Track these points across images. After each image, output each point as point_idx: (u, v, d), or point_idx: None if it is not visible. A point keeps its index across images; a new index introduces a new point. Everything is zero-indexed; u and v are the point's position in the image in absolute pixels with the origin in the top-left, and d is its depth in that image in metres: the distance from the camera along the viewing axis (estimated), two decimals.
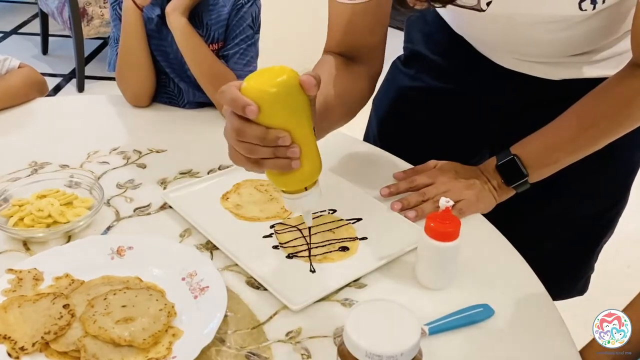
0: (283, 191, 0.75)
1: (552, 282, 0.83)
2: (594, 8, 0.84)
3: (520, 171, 0.94)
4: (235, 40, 1.21)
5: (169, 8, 1.15)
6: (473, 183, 0.96)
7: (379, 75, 1.03)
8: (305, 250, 0.86)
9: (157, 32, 1.21)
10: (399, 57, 1.22)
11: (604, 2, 0.83)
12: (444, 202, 0.76)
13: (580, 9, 0.84)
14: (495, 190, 0.96)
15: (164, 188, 0.99)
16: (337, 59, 0.97)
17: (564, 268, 1.11)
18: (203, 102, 1.25)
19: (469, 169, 0.99)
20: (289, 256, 0.85)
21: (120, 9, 1.22)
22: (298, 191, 0.75)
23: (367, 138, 1.24)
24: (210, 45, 1.20)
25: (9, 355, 0.67)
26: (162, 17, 1.19)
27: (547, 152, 0.95)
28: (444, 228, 0.76)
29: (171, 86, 1.26)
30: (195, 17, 1.19)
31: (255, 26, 1.24)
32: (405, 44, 1.21)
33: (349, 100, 0.96)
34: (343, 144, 1.14)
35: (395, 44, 1.21)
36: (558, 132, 0.94)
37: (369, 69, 1.00)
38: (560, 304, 0.81)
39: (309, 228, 0.85)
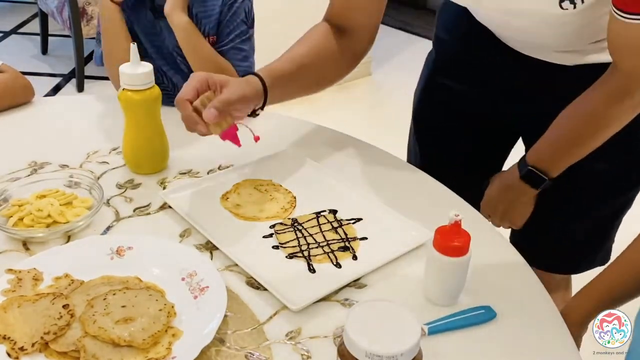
0: None
1: (573, 252, 0.84)
2: (575, 7, 0.85)
3: (542, 178, 1.02)
4: (229, 36, 1.22)
5: (167, 8, 1.15)
6: (518, 203, 1.07)
7: (362, 57, 1.09)
8: (305, 250, 0.86)
9: (151, 28, 1.21)
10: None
11: (582, 2, 0.84)
12: (453, 216, 0.74)
13: (561, 7, 0.85)
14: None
15: (164, 188, 0.99)
16: (329, 32, 1.04)
17: (584, 237, 1.11)
18: None
19: (511, 191, 1.08)
20: (289, 256, 0.85)
21: None
22: None
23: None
24: None
25: (9, 355, 0.67)
26: (154, 12, 1.19)
27: (557, 155, 1.01)
28: (452, 242, 0.75)
29: (165, 82, 1.26)
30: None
31: (249, 21, 1.24)
32: (434, 32, 1.25)
33: (323, 76, 1.06)
34: (344, 144, 1.14)
35: (394, 43, 1.21)
36: (561, 135, 0.99)
37: (356, 47, 1.07)
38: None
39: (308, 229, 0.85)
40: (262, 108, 0.95)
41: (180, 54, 1.23)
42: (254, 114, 0.95)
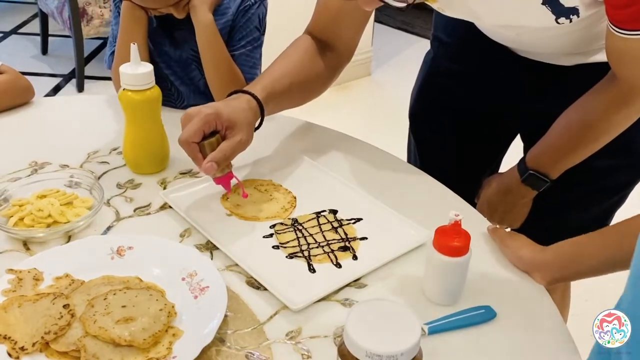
0: None
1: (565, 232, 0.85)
2: (570, 22, 0.86)
3: (544, 181, 1.04)
4: (241, 42, 1.21)
5: (196, 2, 1.14)
6: (518, 205, 1.10)
7: (340, 71, 1.11)
8: (305, 250, 0.86)
9: (158, 38, 1.20)
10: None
11: (578, 16, 0.85)
12: (453, 216, 0.74)
13: (557, 22, 0.87)
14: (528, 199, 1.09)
15: (164, 188, 0.99)
16: (312, 45, 1.06)
17: (581, 233, 1.14)
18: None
19: (511, 194, 1.09)
20: (289, 256, 0.85)
21: None
22: None
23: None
24: None
25: (9, 355, 0.67)
26: (165, 24, 1.19)
27: (557, 159, 1.02)
28: (452, 242, 0.75)
29: (172, 89, 1.26)
30: None
31: (262, 28, 1.23)
32: (432, 32, 1.26)
33: (309, 88, 1.07)
34: (344, 144, 1.14)
35: (394, 43, 1.22)
36: (562, 140, 1.01)
37: (338, 60, 1.09)
38: None
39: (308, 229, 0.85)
40: (257, 127, 0.96)
41: (194, 59, 1.22)
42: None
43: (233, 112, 0.89)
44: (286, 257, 0.85)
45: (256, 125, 0.95)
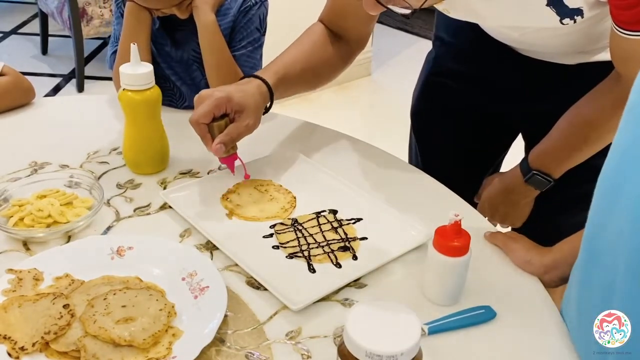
0: None
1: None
2: (575, 22, 0.86)
3: (547, 180, 1.04)
4: (242, 42, 1.20)
5: (198, 1, 1.14)
6: (520, 205, 1.11)
7: (352, 60, 1.14)
8: (305, 250, 0.86)
9: (159, 38, 1.20)
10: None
11: (582, 17, 0.85)
12: (453, 216, 0.74)
13: (562, 23, 0.87)
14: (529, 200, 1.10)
15: (164, 188, 0.99)
16: (325, 32, 1.09)
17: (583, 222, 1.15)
18: None
19: (513, 194, 1.09)
20: (289, 256, 0.85)
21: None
22: None
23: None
24: None
25: (9, 355, 0.67)
26: (168, 25, 1.18)
27: (561, 159, 1.02)
28: (452, 242, 0.75)
29: (174, 90, 1.26)
30: None
31: (262, 28, 1.23)
32: (434, 32, 1.27)
33: (320, 74, 1.11)
34: (344, 144, 1.14)
35: (394, 43, 1.22)
36: (565, 140, 1.01)
37: (349, 48, 1.12)
38: None
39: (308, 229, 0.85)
40: (267, 111, 1.01)
41: (196, 60, 1.22)
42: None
43: (243, 97, 0.93)
44: (286, 257, 0.85)
45: (266, 107, 1.00)
